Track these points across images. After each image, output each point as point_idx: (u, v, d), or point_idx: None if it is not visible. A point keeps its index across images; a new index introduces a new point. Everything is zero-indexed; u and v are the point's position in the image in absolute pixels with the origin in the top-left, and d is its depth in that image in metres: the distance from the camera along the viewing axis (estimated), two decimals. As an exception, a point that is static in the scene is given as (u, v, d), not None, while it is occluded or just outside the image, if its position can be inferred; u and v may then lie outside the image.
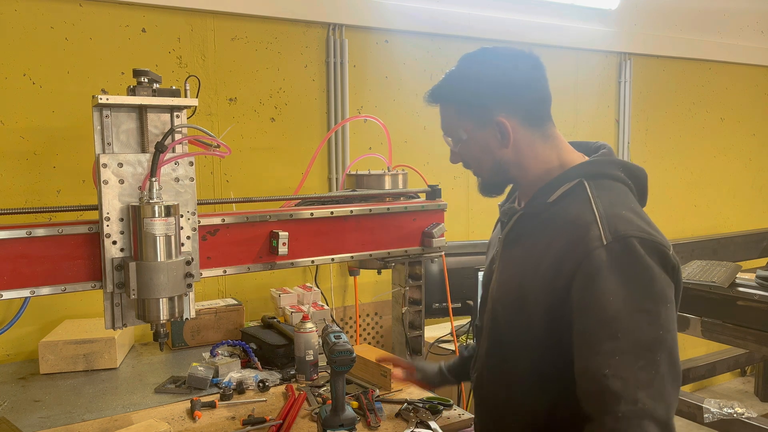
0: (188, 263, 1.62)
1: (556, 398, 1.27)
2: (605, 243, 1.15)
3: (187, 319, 1.69)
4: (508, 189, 1.50)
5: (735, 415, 3.04)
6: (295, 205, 2.02)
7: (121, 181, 1.58)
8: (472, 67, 1.37)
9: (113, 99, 1.55)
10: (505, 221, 1.43)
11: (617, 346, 1.11)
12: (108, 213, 1.57)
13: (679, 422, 2.41)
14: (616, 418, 1.09)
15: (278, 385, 2.03)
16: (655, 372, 1.10)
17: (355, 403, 1.81)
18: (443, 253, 2.25)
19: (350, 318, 3.02)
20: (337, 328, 1.74)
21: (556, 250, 1.22)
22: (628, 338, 1.11)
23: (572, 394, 1.19)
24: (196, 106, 1.67)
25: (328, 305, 2.67)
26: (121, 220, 1.58)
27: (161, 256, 1.53)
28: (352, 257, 2.03)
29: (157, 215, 1.52)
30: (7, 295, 1.53)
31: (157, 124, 1.63)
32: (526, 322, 1.27)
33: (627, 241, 1.15)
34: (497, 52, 1.35)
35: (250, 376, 2.02)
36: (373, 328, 3.12)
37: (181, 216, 1.64)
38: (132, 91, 1.60)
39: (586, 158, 1.35)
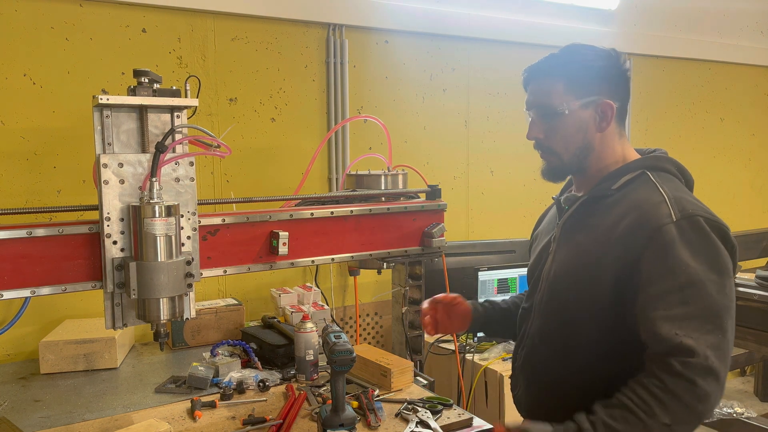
0: (188, 263, 1.62)
1: (616, 368, 1.36)
2: (675, 219, 1.28)
3: (187, 318, 1.69)
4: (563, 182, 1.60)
5: (735, 414, 3.04)
6: (295, 205, 2.02)
7: (122, 181, 1.58)
8: (582, 52, 1.45)
9: (113, 99, 1.55)
10: (566, 207, 1.53)
11: (688, 311, 1.24)
12: (108, 213, 1.57)
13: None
14: (685, 363, 1.21)
15: (278, 384, 2.03)
16: (722, 336, 1.24)
17: (355, 403, 1.81)
18: (443, 253, 2.25)
19: (350, 318, 3.02)
20: (337, 328, 1.74)
21: (625, 226, 1.33)
22: (698, 304, 1.24)
23: (631, 363, 1.31)
24: (196, 107, 1.67)
25: (328, 305, 2.67)
26: (122, 220, 1.59)
27: (161, 256, 1.54)
28: (352, 257, 2.03)
29: (157, 215, 1.52)
30: (8, 295, 1.54)
31: (157, 124, 1.63)
32: (594, 297, 1.37)
33: (694, 219, 1.29)
34: (602, 49, 1.46)
35: (251, 375, 2.02)
36: (373, 328, 3.12)
37: (182, 216, 1.64)
38: (132, 92, 1.60)
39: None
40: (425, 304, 1.77)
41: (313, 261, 1.95)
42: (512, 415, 1.68)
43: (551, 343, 1.49)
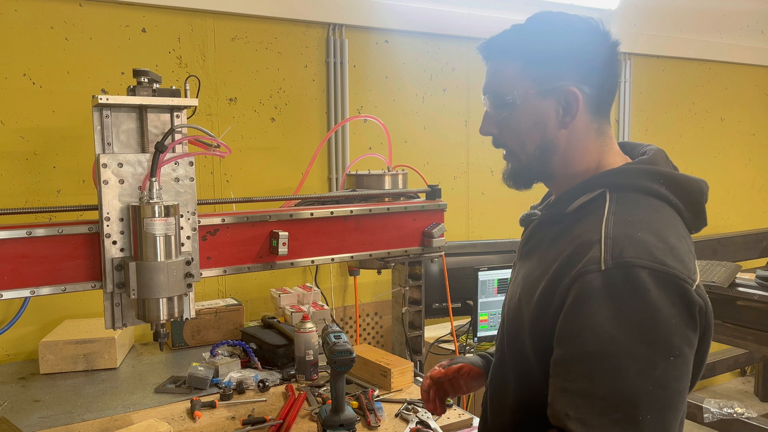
0: (188, 263, 1.62)
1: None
2: (603, 268, 0.96)
3: (187, 319, 1.69)
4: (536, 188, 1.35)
5: (735, 415, 3.04)
6: (295, 205, 2.02)
7: (121, 181, 1.58)
8: (549, 25, 1.16)
9: (113, 99, 1.55)
10: (524, 228, 1.28)
11: (589, 388, 0.93)
12: (108, 213, 1.57)
13: (679, 422, 2.40)
14: None
15: (278, 385, 2.03)
16: None
17: (355, 403, 1.81)
18: (443, 253, 2.25)
19: (350, 318, 3.02)
20: (337, 328, 1.74)
21: (555, 269, 1.05)
22: (605, 384, 0.93)
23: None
24: (196, 106, 1.67)
25: (328, 305, 2.67)
26: (121, 220, 1.59)
27: (161, 256, 1.53)
28: (352, 257, 2.03)
29: (157, 215, 1.52)
30: (8, 295, 1.53)
31: (157, 124, 1.63)
32: (522, 346, 1.12)
33: (631, 270, 0.95)
34: (581, 20, 1.15)
35: (250, 376, 2.02)
36: (373, 328, 3.12)
37: (181, 216, 1.64)
38: (132, 91, 1.60)
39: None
40: (425, 385, 1.46)
41: (313, 261, 1.95)
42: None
43: (494, 389, 1.25)
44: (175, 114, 1.64)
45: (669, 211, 1.08)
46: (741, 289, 2.88)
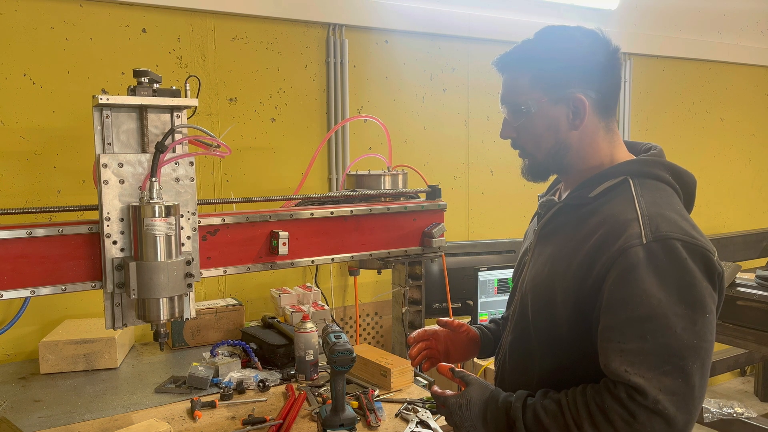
0: (188, 263, 1.62)
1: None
2: (645, 242, 1.12)
3: (187, 318, 1.69)
4: (551, 179, 1.45)
5: (735, 414, 3.05)
6: (295, 205, 2.02)
7: (122, 181, 1.58)
8: (555, 39, 1.29)
9: (113, 99, 1.55)
10: (542, 213, 1.38)
11: (643, 347, 1.09)
12: (108, 213, 1.57)
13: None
14: (632, 396, 1.08)
15: (278, 385, 2.03)
16: (683, 381, 1.08)
17: (355, 403, 1.81)
18: (443, 253, 2.25)
19: (350, 318, 3.02)
20: (337, 328, 1.74)
21: (592, 245, 1.18)
22: (657, 341, 1.08)
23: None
24: (196, 107, 1.67)
25: (328, 305, 2.67)
26: (122, 220, 1.59)
27: (161, 256, 1.54)
28: (352, 257, 2.03)
29: (157, 215, 1.52)
30: (8, 295, 1.54)
31: (157, 124, 1.63)
32: (552, 316, 1.24)
33: (668, 243, 1.11)
34: (583, 31, 1.29)
35: (250, 375, 2.02)
36: (373, 328, 3.12)
37: (182, 216, 1.64)
38: (132, 91, 1.60)
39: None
40: (415, 334, 1.57)
41: (313, 261, 1.95)
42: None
43: (516, 359, 1.37)
44: (175, 114, 1.64)
45: (674, 195, 1.25)
46: (741, 289, 2.88)
